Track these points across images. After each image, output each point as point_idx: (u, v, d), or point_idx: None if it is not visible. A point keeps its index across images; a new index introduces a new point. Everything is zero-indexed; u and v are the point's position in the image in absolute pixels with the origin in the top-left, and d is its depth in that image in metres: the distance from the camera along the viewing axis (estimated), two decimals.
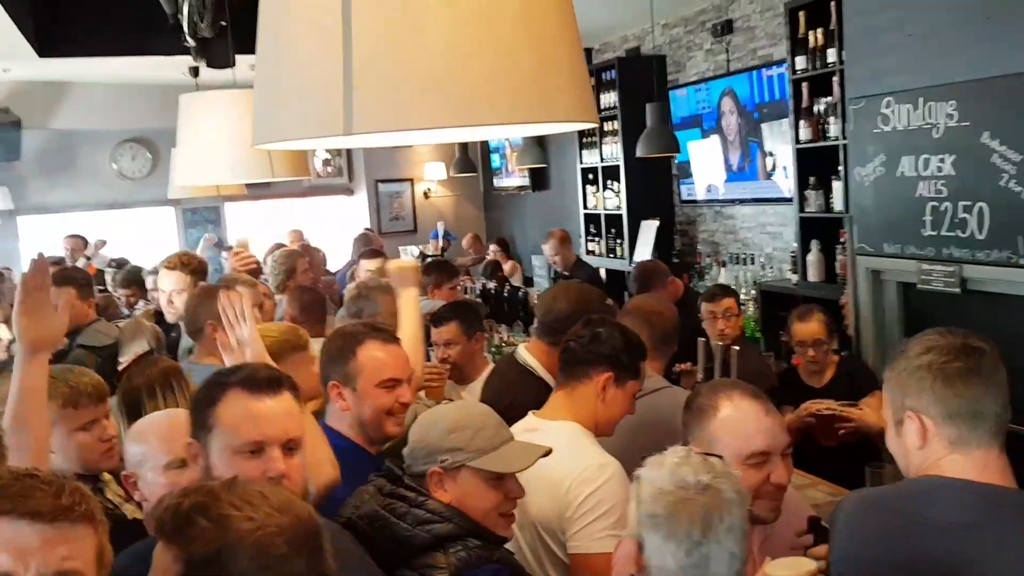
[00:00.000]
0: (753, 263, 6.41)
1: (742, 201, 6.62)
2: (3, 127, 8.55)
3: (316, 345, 3.60)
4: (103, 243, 8.11)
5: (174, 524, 1.25)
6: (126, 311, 5.56)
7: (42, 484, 1.25)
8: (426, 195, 11.12)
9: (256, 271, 4.84)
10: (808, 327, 3.80)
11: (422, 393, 3.11)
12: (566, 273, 6.60)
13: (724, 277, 6.44)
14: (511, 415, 2.26)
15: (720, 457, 1.61)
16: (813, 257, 5.37)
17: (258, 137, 1.57)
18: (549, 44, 1.44)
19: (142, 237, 9.63)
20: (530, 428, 2.33)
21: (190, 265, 4.06)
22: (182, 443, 1.78)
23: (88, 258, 7.71)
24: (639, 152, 5.83)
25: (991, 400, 1.63)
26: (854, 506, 1.74)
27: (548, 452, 1.99)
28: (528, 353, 3.08)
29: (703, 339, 3.67)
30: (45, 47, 7.10)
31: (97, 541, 1.28)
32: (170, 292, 4.01)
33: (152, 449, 1.95)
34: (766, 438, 1.92)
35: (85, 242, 8.02)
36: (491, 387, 3.15)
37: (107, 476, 2.35)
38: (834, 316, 4.05)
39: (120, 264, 6.93)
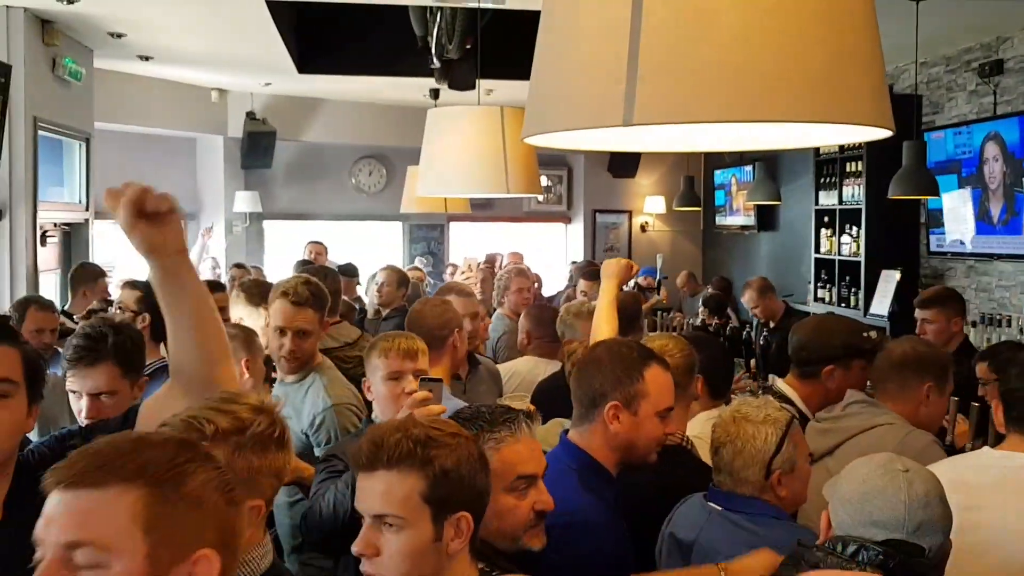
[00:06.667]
0: (1009, 326, 5.77)
1: (1002, 256, 5.99)
2: (260, 136, 9.26)
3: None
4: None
5: (408, 450, 1.46)
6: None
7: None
8: (643, 228, 10.98)
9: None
10: None
11: None
12: (772, 325, 5.93)
13: (974, 339, 5.83)
14: None
15: None
16: None
17: (529, 129, 1.51)
18: (848, 41, 1.31)
19: (369, 248, 10.12)
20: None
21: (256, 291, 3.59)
22: None
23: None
24: (891, 193, 5.40)
25: None
26: None
27: None
28: (785, 385, 2.86)
29: (977, 404, 3.19)
30: (304, 64, 7.64)
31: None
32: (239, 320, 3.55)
33: None
34: None
35: (325, 248, 8.50)
36: None
37: None
38: None
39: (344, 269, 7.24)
